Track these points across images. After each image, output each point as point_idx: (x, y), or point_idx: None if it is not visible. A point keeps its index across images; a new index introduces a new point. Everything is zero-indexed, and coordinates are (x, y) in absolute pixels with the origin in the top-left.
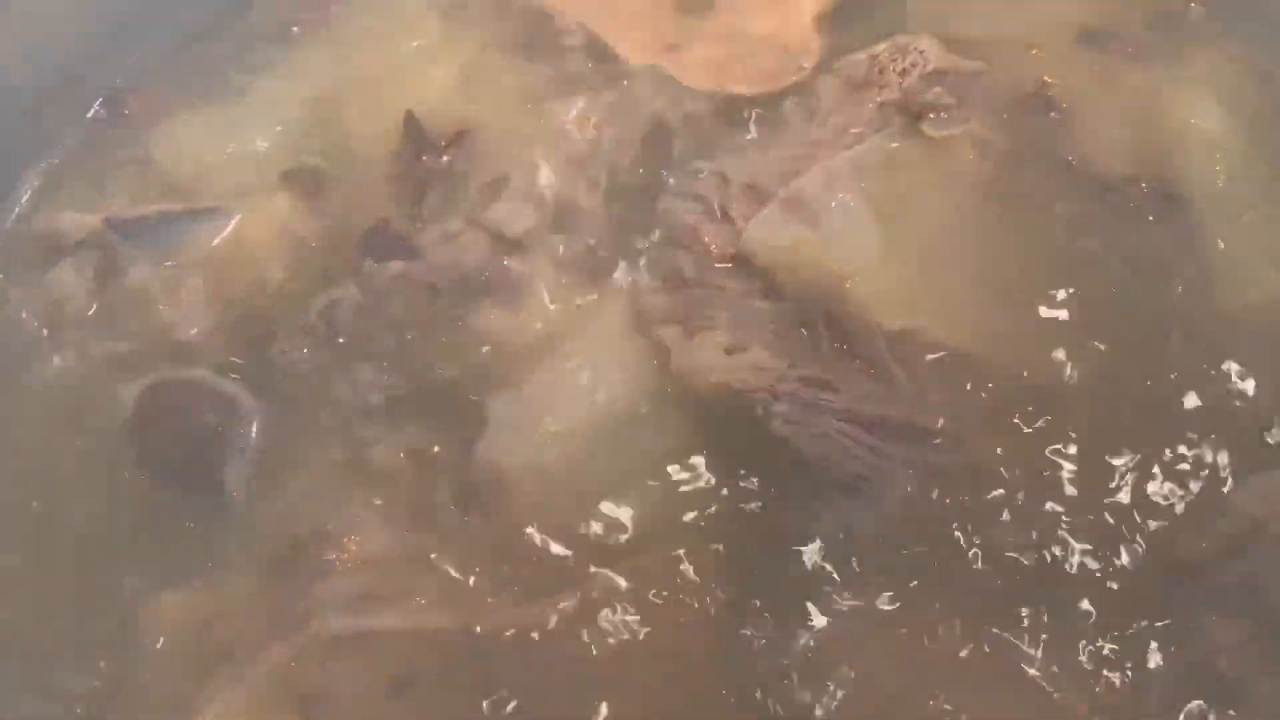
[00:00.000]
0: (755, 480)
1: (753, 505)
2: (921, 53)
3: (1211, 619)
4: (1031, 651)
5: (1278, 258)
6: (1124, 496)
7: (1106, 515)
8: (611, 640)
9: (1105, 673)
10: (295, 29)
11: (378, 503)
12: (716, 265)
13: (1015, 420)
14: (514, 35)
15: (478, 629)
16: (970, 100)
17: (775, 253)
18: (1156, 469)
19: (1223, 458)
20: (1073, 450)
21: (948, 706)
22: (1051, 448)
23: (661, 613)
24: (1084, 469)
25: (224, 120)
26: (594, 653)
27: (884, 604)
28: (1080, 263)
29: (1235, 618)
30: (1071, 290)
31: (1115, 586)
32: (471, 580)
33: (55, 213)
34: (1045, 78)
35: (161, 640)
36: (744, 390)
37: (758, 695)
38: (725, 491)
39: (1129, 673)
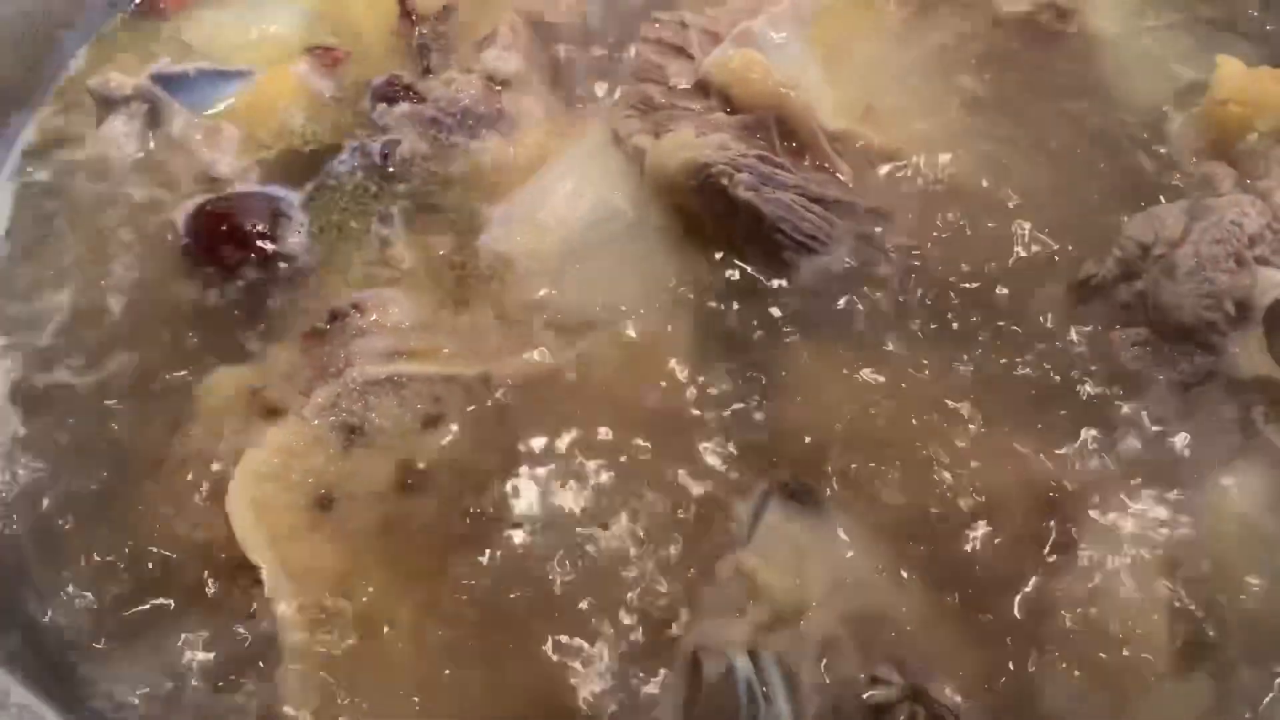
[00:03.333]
0: (721, 244)
1: (719, 267)
2: None
3: (1113, 328)
4: (967, 366)
5: (1176, 60)
6: (1036, 243)
7: (1022, 257)
8: (602, 383)
9: (1032, 376)
10: None
11: (403, 284)
12: (681, 91)
13: (939, 201)
14: None
15: (494, 376)
16: None
17: (730, 72)
18: (1060, 213)
19: (1114, 201)
20: (988, 219)
21: (894, 430)
22: (973, 221)
23: (646, 360)
24: (998, 229)
25: (245, 10)
26: (587, 392)
27: (838, 342)
28: (989, 74)
29: (1133, 326)
30: (982, 96)
31: (1034, 310)
32: (485, 339)
33: (105, 72)
34: None
35: (217, 403)
36: (710, 162)
37: (729, 420)
38: (698, 257)
39: (1051, 374)
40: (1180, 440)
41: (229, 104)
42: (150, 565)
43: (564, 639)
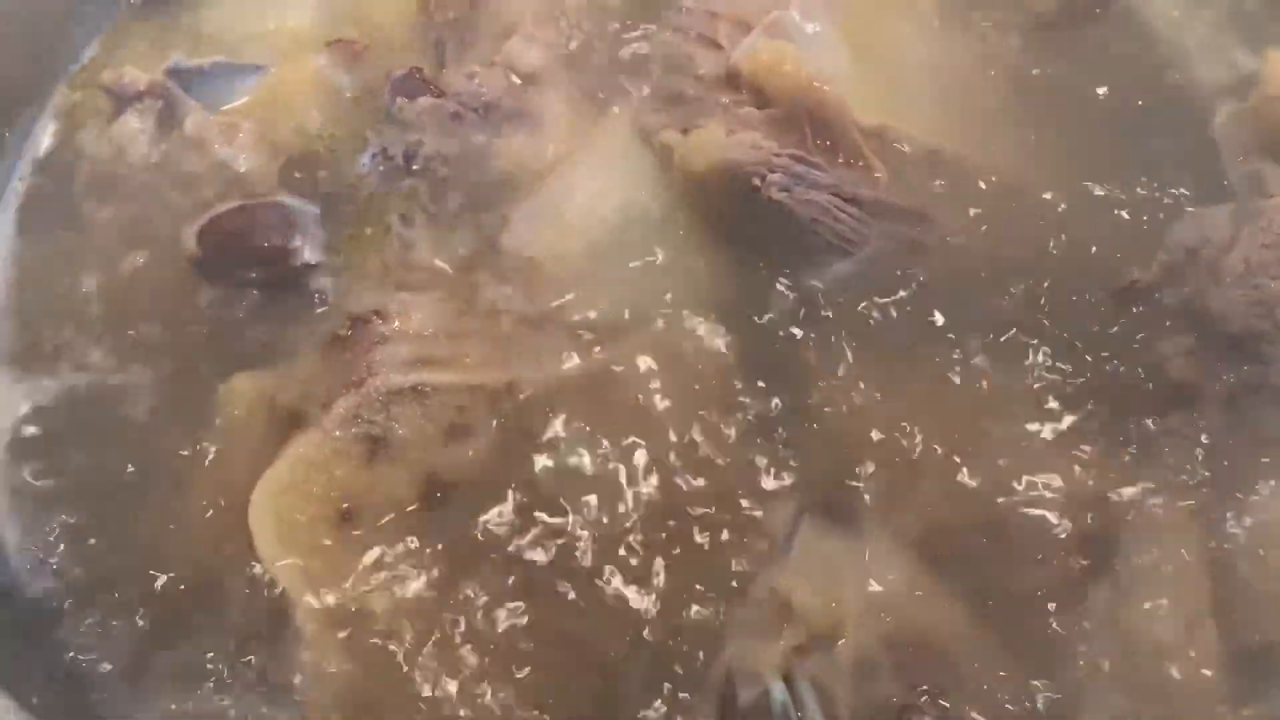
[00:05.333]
0: (754, 246)
1: (752, 270)
2: None
3: (1159, 335)
4: (1008, 374)
5: (1231, 51)
6: (1079, 245)
7: (1064, 260)
8: (631, 392)
9: (1075, 386)
10: None
11: (425, 288)
12: (710, 84)
13: (977, 198)
14: None
15: (519, 384)
16: None
17: (761, 64)
18: (1102, 213)
19: (1160, 201)
20: (1028, 220)
21: (930, 440)
22: (1012, 220)
23: (675, 367)
24: (1038, 231)
25: (259, 3)
26: (617, 401)
27: (874, 348)
28: (1028, 65)
29: (1179, 334)
30: (1021, 88)
31: (1077, 315)
32: (510, 346)
33: (119, 65)
34: None
35: (239, 410)
36: (742, 163)
37: (763, 431)
38: (729, 259)
39: (1094, 383)
40: (1227, 452)
41: (245, 100)
42: (170, 579)
43: (593, 657)
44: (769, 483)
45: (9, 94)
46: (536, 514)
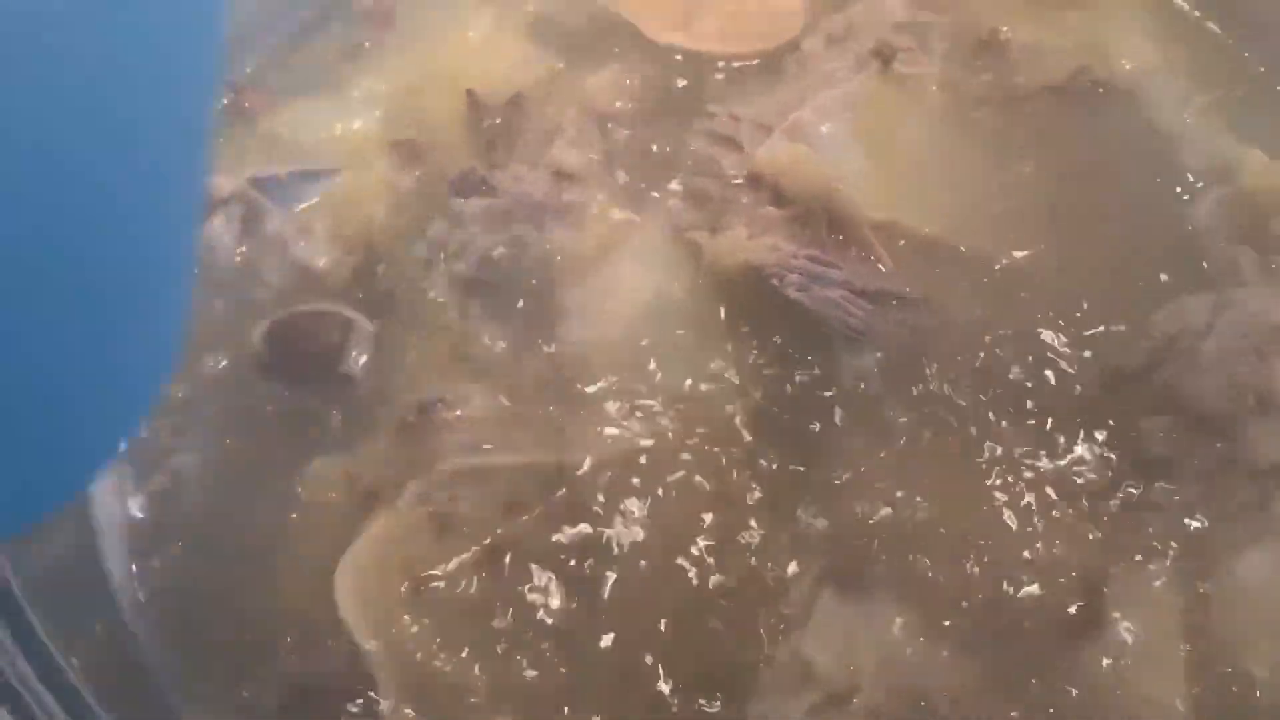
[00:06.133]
0: (775, 338)
1: (774, 359)
2: (888, 8)
3: (1142, 416)
4: (1005, 452)
5: (1219, 139)
6: (1071, 331)
7: (1057, 345)
8: (667, 473)
9: (1065, 462)
10: (366, 44)
11: (482, 376)
12: (734, 184)
13: (980, 288)
14: (556, 21)
15: (568, 464)
16: (932, 44)
17: (780, 167)
18: (1096, 298)
19: (1149, 285)
20: (1025, 307)
21: (938, 515)
22: (1010, 306)
23: (705, 448)
24: (1035, 317)
25: (328, 108)
26: (652, 477)
27: (884, 429)
28: (1029, 156)
29: (1159, 414)
30: (1022, 180)
31: (1068, 397)
32: (559, 428)
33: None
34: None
35: (321, 492)
36: (763, 265)
37: (785, 508)
38: (752, 349)
39: (1083, 459)
40: (1203, 523)
41: (316, 201)
42: (267, 645)
43: (632, 713)
44: (791, 555)
45: None
46: (581, 580)
